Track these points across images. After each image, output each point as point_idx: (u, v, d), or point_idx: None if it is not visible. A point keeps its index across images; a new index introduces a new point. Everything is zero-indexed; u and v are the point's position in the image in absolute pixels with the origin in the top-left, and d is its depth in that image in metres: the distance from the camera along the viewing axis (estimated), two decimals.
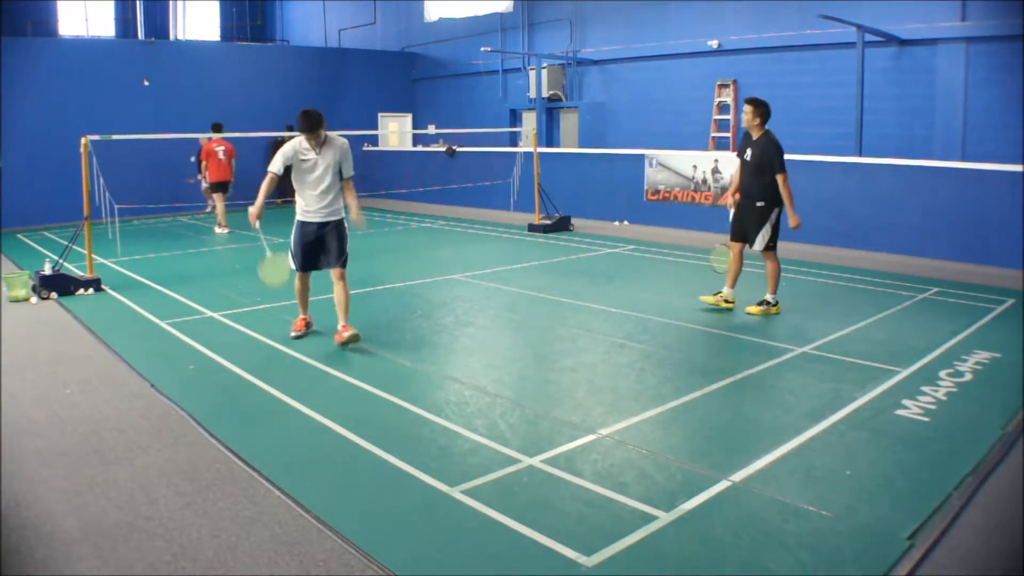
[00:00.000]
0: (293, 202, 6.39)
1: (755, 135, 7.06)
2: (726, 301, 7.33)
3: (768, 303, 7.17)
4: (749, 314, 7.13)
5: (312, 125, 6.04)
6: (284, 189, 16.59)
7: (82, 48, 16.67)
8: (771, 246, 7.12)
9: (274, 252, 6.42)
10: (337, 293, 6.27)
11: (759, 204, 7.04)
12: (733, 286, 7.33)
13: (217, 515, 3.51)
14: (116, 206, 9.75)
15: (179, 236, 13.42)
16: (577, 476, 3.84)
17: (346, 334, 6.13)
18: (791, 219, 7.02)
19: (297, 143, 6.17)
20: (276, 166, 6.14)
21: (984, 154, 10.62)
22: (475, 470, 3.93)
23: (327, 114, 6.46)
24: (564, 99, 17.36)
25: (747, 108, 7.07)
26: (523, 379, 5.50)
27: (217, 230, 13.57)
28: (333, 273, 6.31)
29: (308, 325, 6.64)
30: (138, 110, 16.20)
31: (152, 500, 3.66)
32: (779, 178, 6.93)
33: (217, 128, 13.31)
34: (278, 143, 16.85)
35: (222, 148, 13.47)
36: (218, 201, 13.59)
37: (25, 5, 20.14)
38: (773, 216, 7.06)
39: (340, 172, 6.27)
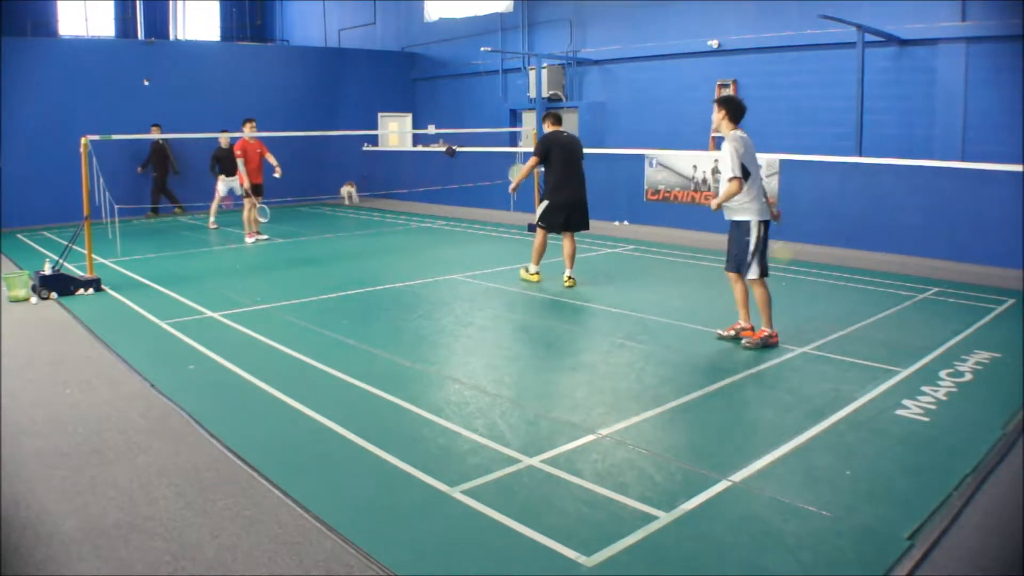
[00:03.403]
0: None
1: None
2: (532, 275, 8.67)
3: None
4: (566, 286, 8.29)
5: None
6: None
7: (82, 48, 16.66)
8: (540, 224, 8.59)
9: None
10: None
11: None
12: (537, 263, 8.71)
13: (217, 515, 3.51)
14: (116, 206, 9.74)
15: (179, 236, 13.41)
16: (577, 476, 3.85)
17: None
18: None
19: (744, 134, 5.93)
20: (739, 168, 5.77)
21: (984, 154, 10.60)
22: (475, 470, 3.93)
23: (327, 114, 6.40)
24: (564, 99, 17.35)
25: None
26: (523, 379, 5.50)
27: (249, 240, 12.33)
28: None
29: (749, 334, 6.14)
30: (138, 110, 16.17)
31: (152, 500, 3.66)
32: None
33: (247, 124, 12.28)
34: (154, 146, 16.02)
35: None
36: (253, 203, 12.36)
37: (25, 5, 20.12)
38: (543, 203, 8.62)
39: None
